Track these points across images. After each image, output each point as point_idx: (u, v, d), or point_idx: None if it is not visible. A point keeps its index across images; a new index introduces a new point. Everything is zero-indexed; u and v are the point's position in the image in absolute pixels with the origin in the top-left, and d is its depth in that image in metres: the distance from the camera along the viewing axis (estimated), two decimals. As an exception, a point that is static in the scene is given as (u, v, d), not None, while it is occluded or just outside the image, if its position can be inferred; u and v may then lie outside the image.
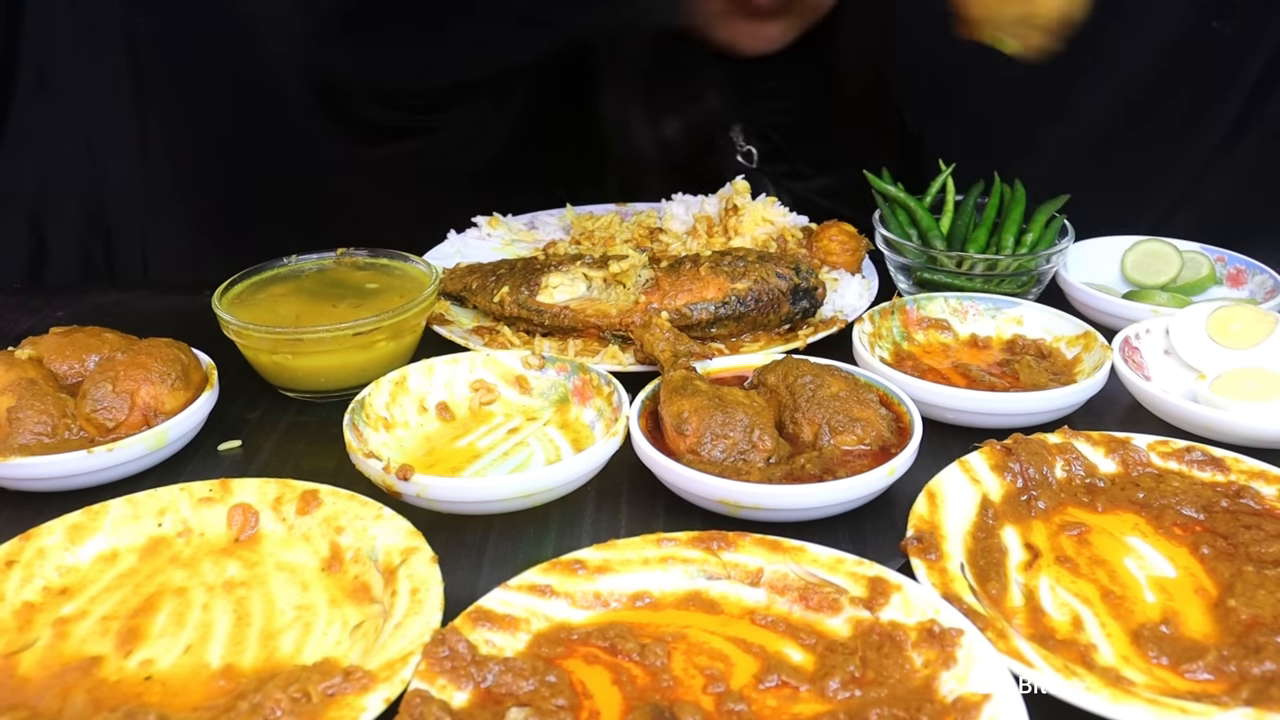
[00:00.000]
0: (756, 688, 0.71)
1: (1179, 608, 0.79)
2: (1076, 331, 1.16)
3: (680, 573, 0.81)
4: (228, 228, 2.09)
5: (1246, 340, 1.14)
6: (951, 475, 0.92)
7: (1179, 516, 0.89)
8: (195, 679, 0.74)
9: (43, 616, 0.80)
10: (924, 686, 0.69)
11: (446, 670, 0.70)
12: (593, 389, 1.04)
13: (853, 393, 0.98)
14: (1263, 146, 1.87)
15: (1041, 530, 0.88)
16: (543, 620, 0.77)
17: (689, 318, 1.18)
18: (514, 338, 1.23)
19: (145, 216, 2.09)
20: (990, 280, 1.31)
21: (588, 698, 0.70)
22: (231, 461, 1.04)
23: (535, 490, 0.89)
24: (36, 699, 0.72)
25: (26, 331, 1.13)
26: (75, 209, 1.99)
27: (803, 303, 1.21)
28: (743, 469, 0.91)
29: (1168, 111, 1.92)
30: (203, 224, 2.15)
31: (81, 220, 2.00)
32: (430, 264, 1.22)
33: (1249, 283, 1.37)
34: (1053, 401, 1.03)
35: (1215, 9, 1.82)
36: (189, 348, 1.07)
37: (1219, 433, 1.01)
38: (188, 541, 0.88)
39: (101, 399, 0.98)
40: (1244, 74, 1.85)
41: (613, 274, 1.21)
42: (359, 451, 0.92)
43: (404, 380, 1.05)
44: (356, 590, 0.82)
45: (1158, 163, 1.95)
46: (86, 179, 1.96)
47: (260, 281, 1.20)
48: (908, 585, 0.77)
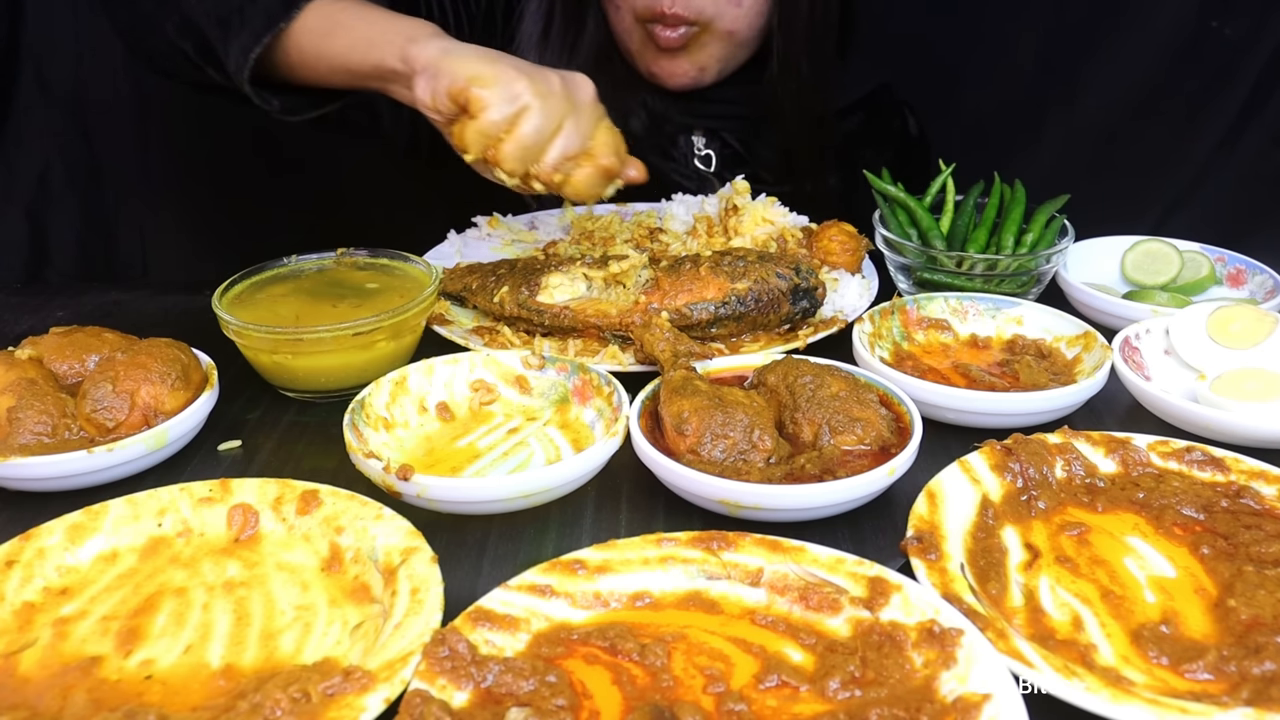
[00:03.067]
0: (756, 688, 0.71)
1: (1179, 608, 0.79)
2: (1076, 331, 1.16)
3: (680, 573, 0.81)
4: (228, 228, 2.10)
5: (1246, 340, 1.14)
6: (951, 475, 0.92)
7: (1179, 516, 0.89)
8: (195, 679, 0.74)
9: (43, 616, 0.80)
10: (924, 686, 0.69)
11: (446, 670, 0.70)
12: (593, 389, 1.04)
13: (853, 393, 0.98)
14: (1263, 146, 1.87)
15: (1041, 530, 0.88)
16: (543, 620, 0.77)
17: (689, 318, 1.17)
18: (514, 338, 1.23)
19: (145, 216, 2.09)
20: (990, 280, 1.31)
21: (588, 698, 0.70)
22: (231, 461, 1.04)
23: (535, 490, 0.89)
24: (37, 699, 0.72)
25: (26, 331, 1.13)
26: (75, 209, 1.99)
27: (803, 303, 1.21)
28: (743, 469, 0.91)
29: (1168, 111, 1.92)
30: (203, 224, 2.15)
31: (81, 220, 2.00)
32: (430, 264, 1.22)
33: (1249, 283, 1.37)
34: (1053, 401, 1.03)
35: (1215, 9, 1.83)
36: (189, 348, 1.07)
37: (1219, 433, 1.01)
38: (188, 541, 0.88)
39: (101, 399, 0.98)
40: (1244, 74, 1.86)
41: (613, 274, 1.21)
42: (359, 451, 0.92)
43: (404, 380, 1.05)
44: (356, 590, 0.82)
45: (1158, 162, 1.95)
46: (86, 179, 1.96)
47: (260, 281, 1.20)
48: (908, 585, 0.77)
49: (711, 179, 1.66)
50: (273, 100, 1.21)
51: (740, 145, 1.68)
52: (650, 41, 1.52)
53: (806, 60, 1.56)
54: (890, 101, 1.83)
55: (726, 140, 1.67)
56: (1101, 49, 1.92)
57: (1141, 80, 1.91)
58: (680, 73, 1.55)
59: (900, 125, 1.84)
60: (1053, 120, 2.00)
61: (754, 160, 1.65)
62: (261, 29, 1.15)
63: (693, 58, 1.53)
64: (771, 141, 1.69)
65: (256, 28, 1.15)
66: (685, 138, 1.67)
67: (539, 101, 1.07)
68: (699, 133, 1.67)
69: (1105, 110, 1.95)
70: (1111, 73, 1.92)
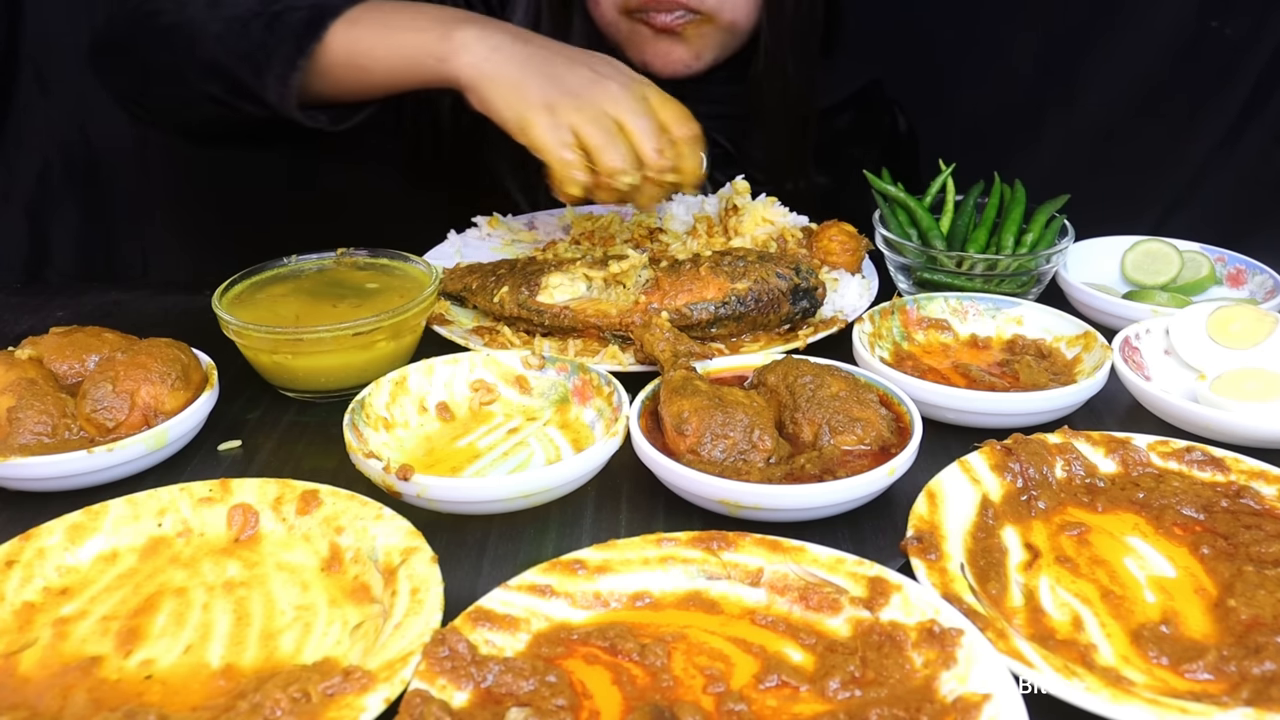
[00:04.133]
0: (756, 688, 0.71)
1: (1179, 608, 0.79)
2: (1076, 331, 1.16)
3: (680, 573, 0.81)
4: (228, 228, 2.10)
5: (1246, 340, 1.14)
6: (951, 475, 0.92)
7: (1179, 516, 0.89)
8: (195, 679, 0.74)
9: (43, 616, 0.80)
10: (924, 686, 0.69)
11: (446, 670, 0.70)
12: (593, 389, 1.04)
13: (853, 393, 0.98)
14: (1263, 147, 1.87)
15: (1041, 530, 0.88)
16: (543, 620, 0.77)
17: (689, 318, 1.17)
18: (514, 338, 1.23)
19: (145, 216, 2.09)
20: (990, 280, 1.31)
21: (588, 698, 0.70)
22: (231, 461, 1.04)
23: (535, 490, 0.89)
24: (37, 699, 0.72)
25: (26, 331, 1.13)
26: (75, 209, 1.99)
27: (803, 303, 1.21)
28: (743, 469, 0.91)
29: (1168, 111, 1.92)
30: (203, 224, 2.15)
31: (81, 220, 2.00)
32: (430, 264, 1.22)
33: (1249, 283, 1.37)
34: (1053, 401, 1.03)
35: (1215, 9, 1.82)
36: (189, 348, 1.07)
37: (1219, 433, 1.01)
38: (188, 541, 0.88)
39: (101, 399, 0.98)
40: (1244, 73, 1.85)
41: (613, 274, 1.21)
42: (359, 451, 0.92)
43: (404, 380, 1.05)
44: (356, 590, 0.82)
45: (1158, 162, 1.95)
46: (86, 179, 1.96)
47: (260, 281, 1.20)
48: (908, 585, 0.77)
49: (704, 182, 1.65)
50: (320, 117, 1.20)
51: (731, 145, 1.67)
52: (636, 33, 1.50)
53: (792, 58, 1.55)
54: (880, 99, 1.82)
55: (717, 141, 1.66)
56: (1101, 49, 1.92)
57: (1141, 80, 1.91)
58: (675, 59, 1.51)
59: (889, 123, 1.83)
60: (1052, 120, 2.00)
61: (745, 161, 1.64)
62: (293, 53, 1.15)
63: (690, 45, 1.51)
64: (761, 141, 1.68)
65: (288, 53, 1.15)
66: None
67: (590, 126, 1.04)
68: None
69: (1105, 110, 1.95)
70: (1111, 72, 1.92)
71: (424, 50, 1.13)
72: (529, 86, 1.08)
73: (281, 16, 1.18)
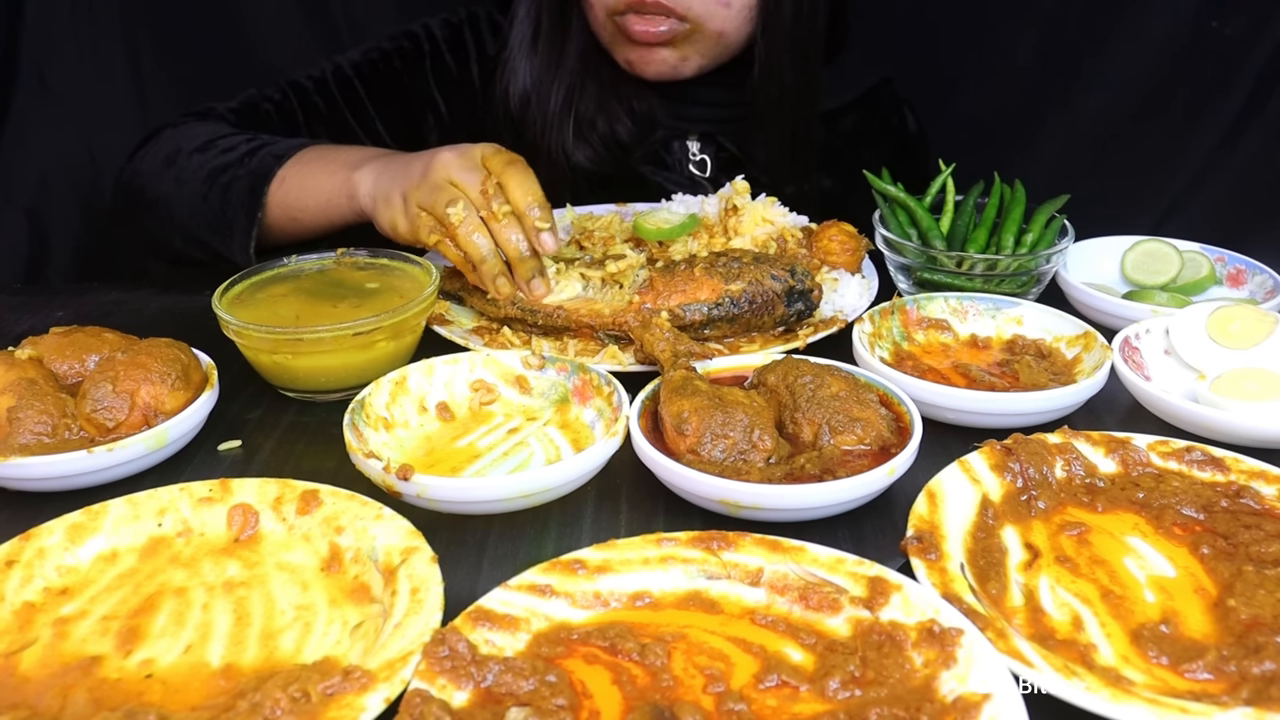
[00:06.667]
0: (756, 688, 0.71)
1: (1179, 608, 0.79)
2: (1076, 331, 1.16)
3: (680, 573, 0.81)
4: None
5: (1246, 340, 1.14)
6: (951, 475, 0.92)
7: (1179, 516, 0.89)
8: (195, 678, 0.74)
9: (43, 616, 0.80)
10: (924, 686, 0.69)
11: (446, 670, 0.70)
12: (593, 389, 1.04)
13: (853, 393, 0.98)
14: (1263, 146, 1.87)
15: (1041, 530, 0.88)
16: (543, 620, 0.77)
17: (682, 319, 1.17)
18: (514, 338, 1.23)
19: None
20: (990, 280, 1.31)
21: (588, 698, 0.70)
22: (231, 461, 1.04)
23: (535, 490, 0.89)
24: (37, 698, 0.72)
25: (26, 331, 1.13)
26: (75, 209, 1.99)
27: (798, 305, 1.21)
28: (743, 469, 0.91)
29: (1168, 111, 1.92)
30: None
31: (81, 220, 2.00)
32: (430, 264, 1.22)
33: (1249, 283, 1.37)
34: (1053, 401, 1.03)
35: (1215, 9, 1.82)
36: (189, 348, 1.07)
37: (1219, 433, 1.01)
38: (188, 541, 0.88)
39: (101, 399, 0.98)
40: (1244, 73, 1.85)
41: (610, 274, 1.21)
42: (359, 451, 0.92)
43: (404, 380, 1.05)
44: (356, 590, 0.82)
45: (1158, 162, 1.95)
46: (86, 179, 1.96)
47: (260, 281, 1.20)
48: (908, 585, 0.77)
49: (706, 185, 1.65)
50: (290, 256, 1.30)
51: (735, 148, 1.66)
52: (620, 34, 1.50)
53: (789, 66, 1.54)
54: (890, 98, 1.82)
55: (722, 144, 1.66)
56: (1101, 49, 1.92)
57: (1141, 80, 1.91)
58: (659, 59, 1.50)
59: (899, 122, 1.83)
60: (1052, 120, 2.00)
61: (750, 163, 1.64)
62: (247, 223, 1.34)
63: (676, 49, 1.50)
64: (762, 143, 1.68)
65: (243, 224, 1.34)
66: (680, 143, 1.64)
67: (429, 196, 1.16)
68: (693, 137, 1.65)
69: (1105, 110, 1.95)
70: (1111, 73, 1.92)
71: (338, 194, 1.32)
72: (389, 192, 1.23)
73: (231, 187, 1.35)
